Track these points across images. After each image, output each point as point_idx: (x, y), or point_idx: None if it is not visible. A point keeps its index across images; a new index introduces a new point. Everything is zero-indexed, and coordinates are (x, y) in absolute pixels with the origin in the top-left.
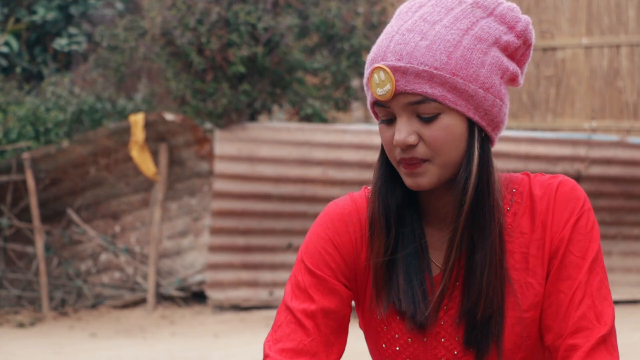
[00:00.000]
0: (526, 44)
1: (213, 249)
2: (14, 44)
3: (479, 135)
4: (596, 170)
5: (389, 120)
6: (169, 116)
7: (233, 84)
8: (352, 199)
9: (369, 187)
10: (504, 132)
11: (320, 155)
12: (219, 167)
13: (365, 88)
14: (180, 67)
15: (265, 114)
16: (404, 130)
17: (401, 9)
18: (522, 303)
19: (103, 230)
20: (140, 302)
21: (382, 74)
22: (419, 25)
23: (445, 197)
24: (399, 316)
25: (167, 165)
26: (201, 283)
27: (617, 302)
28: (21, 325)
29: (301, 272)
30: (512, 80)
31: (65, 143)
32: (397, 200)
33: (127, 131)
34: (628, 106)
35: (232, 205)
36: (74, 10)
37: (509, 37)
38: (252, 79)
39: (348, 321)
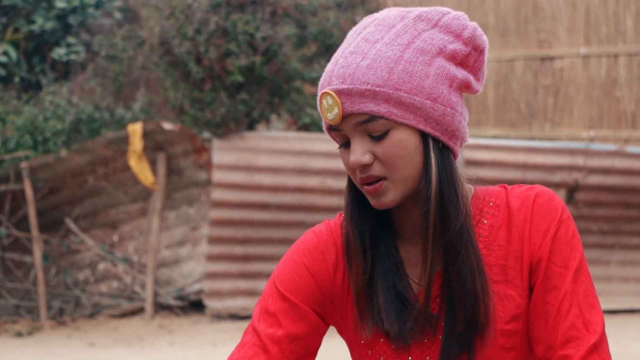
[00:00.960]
0: (477, 49)
1: (211, 258)
2: (13, 53)
3: (435, 146)
4: (594, 179)
5: (346, 144)
6: (167, 125)
7: (231, 93)
8: (328, 227)
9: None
10: (502, 142)
11: (318, 165)
12: (217, 176)
13: (320, 110)
14: (178, 76)
15: (264, 123)
16: (358, 151)
17: (348, 33)
18: (503, 315)
19: (101, 239)
20: (138, 311)
21: (329, 99)
22: (361, 46)
23: (414, 212)
24: (383, 338)
25: (165, 174)
26: (199, 292)
27: (615, 312)
28: (19, 334)
29: (272, 296)
30: (466, 87)
31: (63, 152)
32: (369, 222)
33: (125, 140)
34: (626, 115)
35: (230, 215)
36: (72, 19)
37: (455, 46)
38: (251, 88)
39: (317, 348)
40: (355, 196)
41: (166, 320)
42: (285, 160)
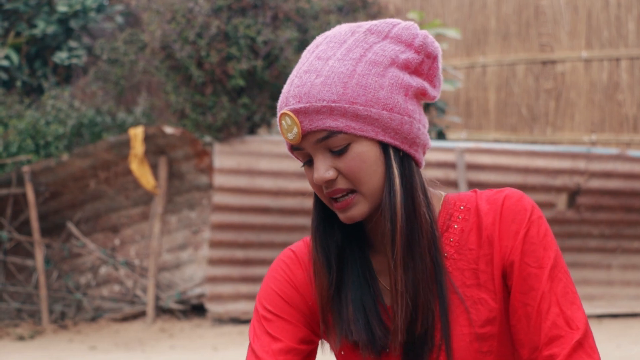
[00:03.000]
0: (430, 57)
1: (212, 262)
2: (15, 57)
3: (396, 155)
4: (596, 183)
5: (309, 162)
6: (169, 129)
7: (232, 97)
8: (305, 243)
9: None
10: (504, 145)
11: None
12: (219, 180)
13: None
14: (179, 80)
15: (265, 127)
16: (321, 168)
17: (303, 53)
18: (477, 319)
19: (103, 243)
20: (139, 315)
21: (287, 119)
22: (314, 64)
23: (383, 222)
24: (354, 349)
25: (167, 178)
26: (200, 296)
27: (617, 316)
28: (21, 338)
29: (259, 317)
30: (422, 94)
31: (65, 156)
32: (336, 238)
33: (126, 144)
34: (628, 119)
35: (231, 219)
36: (74, 23)
37: (407, 55)
38: (252, 92)
39: (313, 358)
40: (322, 212)
41: (167, 324)
42: (287, 164)
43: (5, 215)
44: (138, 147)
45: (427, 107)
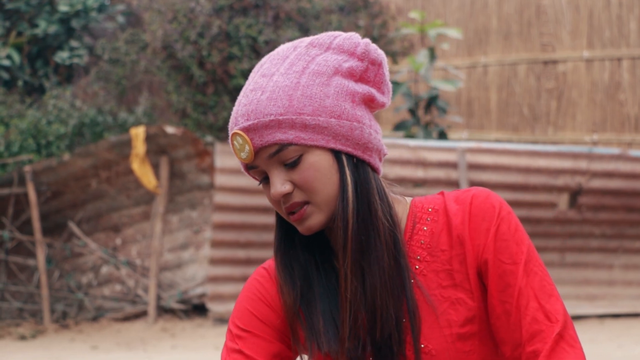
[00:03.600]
0: (375, 63)
1: (214, 261)
2: (16, 57)
3: (349, 162)
4: (597, 183)
5: (266, 179)
6: (170, 129)
7: (234, 97)
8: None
9: None
10: (505, 145)
11: None
12: (220, 179)
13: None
14: (181, 80)
15: None
16: (277, 182)
17: (250, 75)
18: (457, 319)
19: (104, 243)
20: (141, 314)
21: (239, 139)
22: (259, 82)
23: (337, 229)
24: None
25: (168, 178)
26: (202, 296)
27: (618, 315)
28: (22, 337)
29: (232, 336)
30: (370, 101)
31: (66, 156)
32: (298, 254)
33: (128, 144)
34: (629, 119)
35: (232, 218)
36: (75, 23)
37: (351, 63)
38: None
39: None
40: (283, 229)
41: (169, 323)
42: None
43: (7, 215)
44: (139, 146)
45: (428, 108)
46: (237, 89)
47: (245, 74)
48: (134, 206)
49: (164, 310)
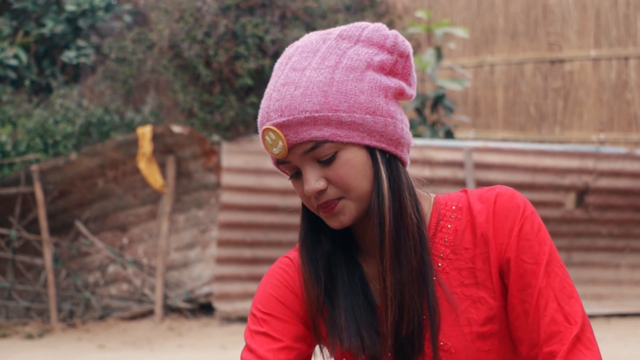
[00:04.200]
0: (403, 55)
1: (220, 261)
2: (23, 56)
3: (383, 158)
4: (604, 182)
5: (297, 174)
6: (177, 128)
7: (240, 96)
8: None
9: None
10: (512, 145)
11: None
12: (226, 179)
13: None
14: (187, 79)
15: None
16: (311, 179)
17: (275, 66)
18: (478, 318)
19: (111, 242)
20: (147, 313)
21: (271, 134)
22: (291, 76)
23: (371, 225)
24: (350, 356)
25: (175, 177)
26: (208, 295)
27: (625, 315)
28: (30, 336)
29: (255, 320)
30: (400, 94)
31: (73, 155)
32: (324, 248)
33: (134, 143)
34: (636, 118)
35: (239, 218)
36: (82, 23)
37: (381, 57)
38: (260, 91)
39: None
40: (310, 223)
41: (175, 322)
42: None
43: (14, 214)
44: (146, 146)
45: (435, 107)
46: (244, 89)
47: (252, 74)
48: (141, 205)
49: (170, 310)
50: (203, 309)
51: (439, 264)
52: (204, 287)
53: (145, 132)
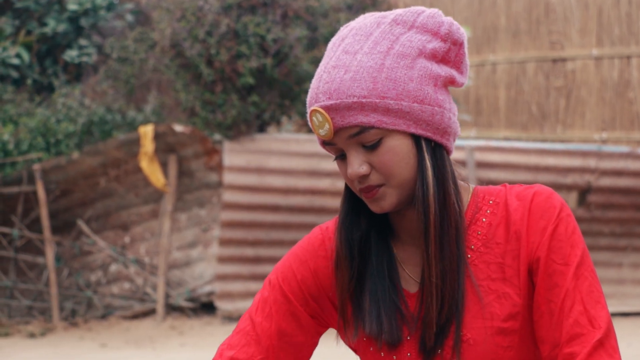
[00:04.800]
0: (456, 43)
1: (222, 260)
2: (25, 55)
3: (428, 147)
4: (606, 181)
5: (342, 156)
6: (179, 127)
7: (242, 95)
8: (335, 224)
9: None
10: (514, 144)
11: (329, 167)
12: (228, 178)
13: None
14: (189, 78)
15: (274, 126)
16: (355, 163)
17: (328, 46)
18: (500, 313)
19: (113, 241)
20: (149, 312)
21: (319, 116)
22: (342, 59)
23: (411, 212)
24: (369, 339)
25: (177, 176)
26: (210, 294)
27: (628, 314)
28: (32, 335)
29: (272, 288)
30: (450, 82)
31: (75, 154)
32: (361, 228)
33: (136, 142)
34: (639, 117)
35: (241, 217)
36: (84, 22)
37: (434, 44)
38: (261, 90)
39: (308, 351)
40: (351, 201)
41: (177, 321)
42: (296, 162)
43: (16, 213)
44: (148, 145)
45: None
46: (246, 88)
47: (254, 73)
48: (143, 204)
49: (172, 309)
50: (205, 308)
51: (469, 256)
52: (206, 286)
53: (147, 131)
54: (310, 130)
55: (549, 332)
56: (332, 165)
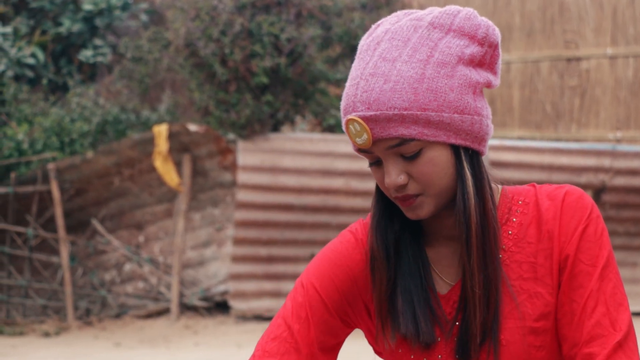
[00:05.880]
0: (492, 46)
1: (236, 259)
2: (40, 55)
3: (467, 155)
4: (621, 180)
5: (377, 162)
6: (193, 127)
7: (256, 94)
8: (363, 226)
9: None
10: (528, 143)
11: (342, 166)
12: (242, 177)
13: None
14: (203, 78)
15: (288, 125)
16: (393, 173)
17: (361, 46)
18: (532, 313)
19: (127, 240)
20: (163, 312)
21: (356, 125)
22: (380, 66)
23: (447, 217)
24: (406, 342)
25: (191, 175)
26: (224, 293)
27: None
28: (46, 334)
29: (305, 292)
30: (487, 86)
31: (89, 154)
32: (394, 232)
33: (151, 142)
34: None
35: (254, 216)
36: (99, 22)
37: (472, 49)
38: (275, 89)
39: (337, 352)
40: (383, 206)
41: (191, 321)
42: (310, 162)
43: (31, 213)
44: (162, 144)
45: None
46: (260, 87)
47: (268, 72)
48: (157, 204)
49: (186, 308)
50: (219, 307)
51: (500, 256)
52: (220, 285)
53: (161, 131)
54: (323, 130)
55: (570, 331)
56: (345, 164)
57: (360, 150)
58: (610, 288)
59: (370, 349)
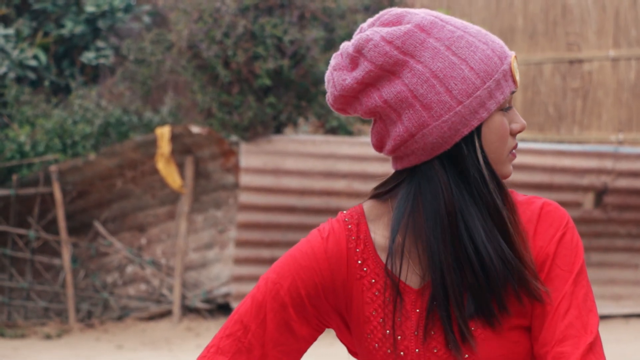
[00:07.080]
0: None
1: (238, 261)
2: (43, 57)
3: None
4: (623, 182)
5: (507, 109)
6: (195, 129)
7: (259, 96)
8: (333, 224)
9: (344, 212)
10: (530, 145)
11: (345, 168)
12: (245, 179)
13: (496, 83)
14: (206, 80)
15: (291, 127)
16: (520, 116)
17: (448, 28)
18: (510, 309)
19: (129, 242)
20: (166, 314)
21: (516, 62)
22: (481, 33)
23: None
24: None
25: (193, 177)
26: (226, 295)
27: None
28: (48, 336)
29: (267, 292)
30: None
31: (92, 156)
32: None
33: (153, 144)
34: None
35: (257, 218)
36: (101, 23)
37: None
38: (278, 91)
39: (300, 354)
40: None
41: (194, 323)
42: (312, 164)
43: (33, 214)
44: (165, 146)
45: None
46: (262, 89)
47: (271, 74)
48: (159, 206)
49: (188, 310)
50: (221, 309)
51: None
52: (222, 287)
53: (163, 133)
54: (326, 132)
55: (541, 332)
56: (348, 166)
57: (512, 92)
58: (582, 294)
59: (344, 349)
